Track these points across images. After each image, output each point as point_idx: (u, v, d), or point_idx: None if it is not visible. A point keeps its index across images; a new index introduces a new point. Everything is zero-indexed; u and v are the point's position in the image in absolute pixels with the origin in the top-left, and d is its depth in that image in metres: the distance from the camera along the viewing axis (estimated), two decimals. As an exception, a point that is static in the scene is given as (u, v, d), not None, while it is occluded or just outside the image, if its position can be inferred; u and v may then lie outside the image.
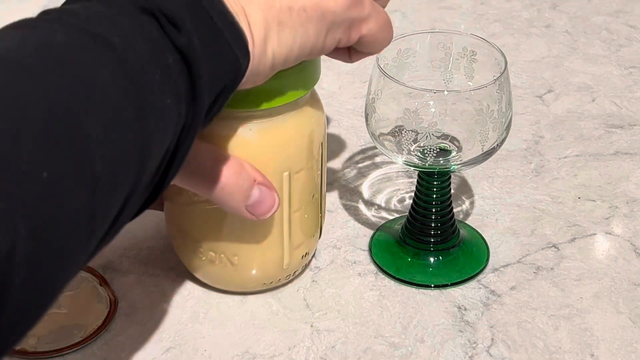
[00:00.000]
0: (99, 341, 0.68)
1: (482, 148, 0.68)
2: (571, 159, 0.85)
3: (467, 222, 0.78)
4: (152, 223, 0.77)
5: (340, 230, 0.78)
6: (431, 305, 0.71)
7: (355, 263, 0.75)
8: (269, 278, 0.70)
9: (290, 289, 0.72)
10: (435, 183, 0.72)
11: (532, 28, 1.04)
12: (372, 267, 0.74)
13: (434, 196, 0.72)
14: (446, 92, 0.68)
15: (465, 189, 0.82)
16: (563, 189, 0.82)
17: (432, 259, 0.74)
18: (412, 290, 0.72)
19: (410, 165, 0.70)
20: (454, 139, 0.70)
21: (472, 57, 0.71)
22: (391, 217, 0.79)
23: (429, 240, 0.74)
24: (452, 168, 0.70)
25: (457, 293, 0.72)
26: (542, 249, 0.76)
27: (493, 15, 1.06)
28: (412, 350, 0.67)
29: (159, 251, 0.75)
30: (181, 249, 0.71)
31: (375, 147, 0.84)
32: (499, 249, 0.76)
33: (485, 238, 0.76)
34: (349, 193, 0.81)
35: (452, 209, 0.74)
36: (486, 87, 0.67)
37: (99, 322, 0.69)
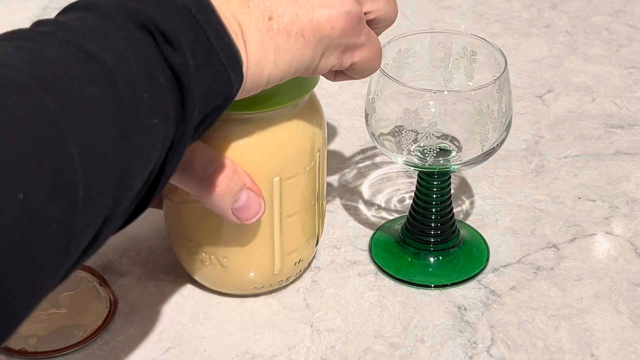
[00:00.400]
0: (99, 341, 0.68)
1: (482, 148, 0.68)
2: (571, 159, 0.85)
3: (467, 222, 0.78)
4: (152, 223, 0.77)
5: (340, 230, 0.78)
6: (431, 305, 0.71)
7: (355, 263, 0.75)
8: (259, 282, 0.70)
9: (290, 289, 0.72)
10: (435, 183, 0.72)
11: (532, 28, 1.04)
12: (372, 267, 0.74)
13: (434, 196, 0.72)
14: (446, 92, 0.68)
15: (465, 189, 0.82)
16: (563, 189, 0.82)
17: (432, 259, 0.74)
18: (412, 290, 0.72)
19: (410, 165, 0.70)
20: (454, 139, 0.70)
21: (472, 57, 0.71)
22: (391, 217, 0.79)
23: (429, 240, 0.74)
24: (452, 168, 0.70)
25: (457, 293, 0.72)
26: (542, 249, 0.76)
27: (493, 15, 1.06)
28: (412, 350, 0.67)
29: (159, 251, 0.75)
30: (176, 246, 0.71)
31: (375, 147, 0.84)
32: (499, 249, 0.76)
33: (485, 238, 0.76)
34: (349, 193, 0.81)
35: (452, 209, 0.74)
36: (486, 87, 0.67)
37: (99, 322, 0.69)
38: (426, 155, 0.68)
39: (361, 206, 0.80)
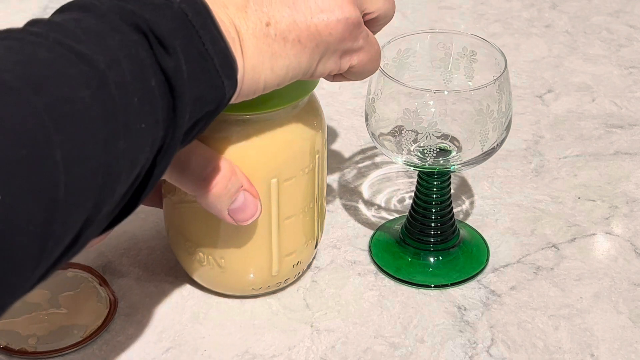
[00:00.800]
0: (99, 341, 0.68)
1: (482, 148, 0.68)
2: (571, 159, 0.85)
3: (467, 222, 0.78)
4: (152, 223, 0.77)
5: (340, 230, 0.78)
6: (431, 305, 0.71)
7: (355, 263, 0.75)
8: (257, 284, 0.70)
9: (290, 289, 0.72)
10: (435, 183, 0.72)
11: (532, 28, 1.04)
12: (372, 267, 0.74)
13: (434, 196, 0.72)
14: (446, 92, 0.68)
15: (465, 189, 0.82)
16: (563, 189, 0.82)
17: (432, 259, 0.74)
18: (412, 290, 0.72)
19: (410, 165, 0.70)
20: (454, 139, 0.70)
21: (472, 57, 0.71)
22: (391, 217, 0.79)
23: (429, 240, 0.74)
24: (452, 168, 0.70)
25: (457, 293, 0.72)
26: (542, 249, 0.76)
27: (493, 15, 1.06)
28: (412, 350, 0.67)
29: (159, 251, 0.75)
30: (175, 246, 0.71)
31: (375, 147, 0.84)
32: (499, 249, 0.76)
33: (485, 238, 0.76)
34: (349, 193, 0.81)
35: (452, 209, 0.74)
36: (486, 87, 0.67)
37: (99, 322, 0.69)
38: (426, 155, 0.68)
39: (361, 206, 0.80)
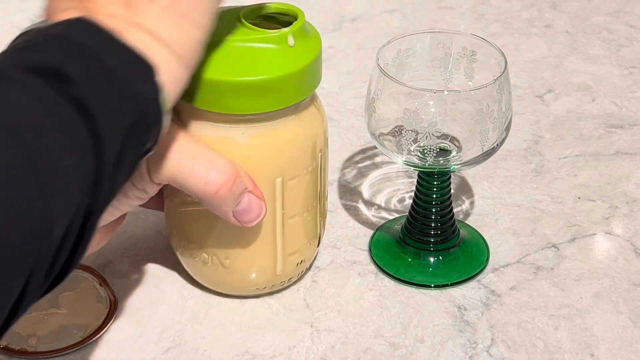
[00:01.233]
0: (99, 341, 0.68)
1: (482, 148, 0.68)
2: (571, 159, 0.85)
3: (467, 222, 0.78)
4: (152, 223, 0.77)
5: (340, 230, 0.78)
6: (431, 305, 0.71)
7: (355, 263, 0.75)
8: (262, 283, 0.70)
9: (291, 289, 0.72)
10: (435, 183, 0.72)
11: (532, 28, 1.04)
12: (372, 267, 0.74)
13: (434, 196, 0.72)
14: (446, 92, 0.68)
15: (465, 189, 0.82)
16: (563, 189, 0.82)
17: (432, 259, 0.74)
18: (412, 290, 0.72)
19: (410, 165, 0.70)
20: (454, 139, 0.70)
21: (472, 57, 0.71)
22: (391, 217, 0.79)
23: (429, 240, 0.74)
24: (452, 168, 0.70)
25: (457, 293, 0.72)
26: (542, 249, 0.76)
27: (493, 15, 1.06)
28: (412, 350, 0.67)
29: (159, 251, 0.75)
30: (177, 248, 0.71)
31: (375, 147, 0.84)
32: (499, 249, 0.76)
33: (485, 238, 0.76)
34: (349, 193, 0.81)
35: (452, 209, 0.74)
36: (486, 87, 0.67)
37: (99, 322, 0.69)
38: (426, 155, 0.68)
39: (361, 206, 0.80)
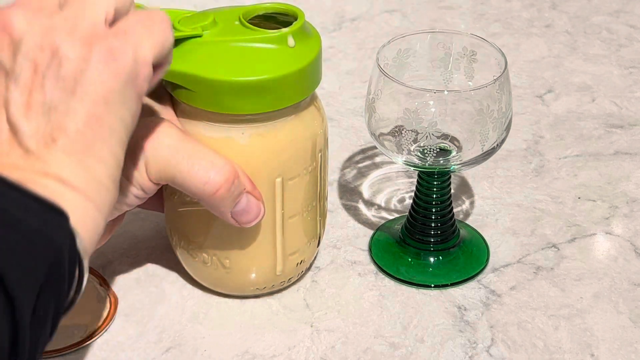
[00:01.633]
0: (99, 341, 0.68)
1: (482, 148, 0.68)
2: (571, 159, 0.85)
3: (467, 222, 0.78)
4: (152, 223, 0.77)
5: (340, 230, 0.78)
6: (431, 305, 0.71)
7: (355, 263, 0.75)
8: (262, 283, 0.70)
9: (291, 289, 0.72)
10: (435, 183, 0.72)
11: (532, 28, 1.04)
12: (372, 267, 0.74)
13: (434, 196, 0.72)
14: (446, 92, 0.68)
15: (465, 189, 0.82)
16: (563, 189, 0.82)
17: (432, 259, 0.74)
18: (412, 290, 0.72)
19: (410, 165, 0.70)
20: (454, 139, 0.70)
21: (472, 57, 0.71)
22: (391, 217, 0.79)
23: (429, 240, 0.74)
24: (452, 168, 0.70)
25: (457, 293, 0.72)
26: (542, 249, 0.76)
27: (493, 15, 1.06)
28: (412, 350, 0.67)
29: (159, 251, 0.75)
30: (177, 248, 0.71)
31: (375, 147, 0.84)
32: (499, 249, 0.76)
33: (485, 238, 0.76)
34: (349, 193, 0.81)
35: (452, 209, 0.74)
36: (486, 87, 0.67)
37: (99, 322, 0.69)
38: (426, 155, 0.68)
39: (361, 206, 0.80)
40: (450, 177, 0.72)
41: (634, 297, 0.71)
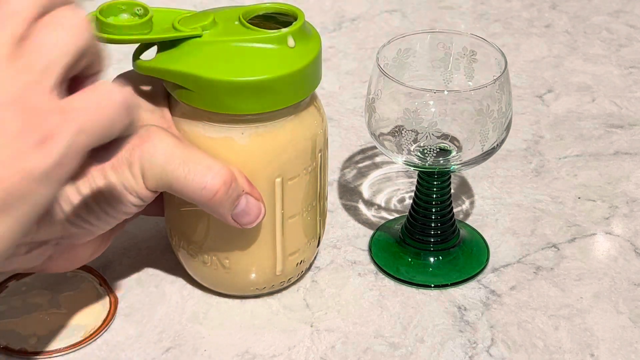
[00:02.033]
0: (99, 341, 0.68)
1: (482, 148, 0.68)
2: (571, 159, 0.85)
3: (467, 222, 0.78)
4: (152, 223, 0.77)
5: (340, 230, 0.78)
6: (431, 305, 0.71)
7: (355, 263, 0.75)
8: (261, 283, 0.70)
9: (291, 289, 0.72)
10: (435, 183, 0.72)
11: (532, 28, 1.04)
12: (372, 267, 0.74)
13: (434, 196, 0.72)
14: (446, 92, 0.68)
15: (465, 189, 0.82)
16: (563, 189, 0.82)
17: (432, 259, 0.74)
18: (412, 290, 0.72)
19: (410, 165, 0.70)
20: (454, 139, 0.70)
21: (472, 57, 0.71)
22: (391, 217, 0.79)
23: (429, 240, 0.74)
24: (452, 168, 0.70)
25: (457, 293, 0.72)
26: (542, 249, 0.76)
27: (493, 15, 1.06)
28: (412, 350, 0.67)
29: (159, 251, 0.75)
30: (177, 248, 0.71)
31: (375, 147, 0.84)
32: (499, 249, 0.76)
33: (485, 238, 0.76)
34: (349, 193, 0.81)
35: (452, 209, 0.74)
36: (486, 87, 0.67)
37: (99, 322, 0.69)
38: (426, 155, 0.68)
39: (361, 206, 0.80)
40: (450, 177, 0.72)
41: (634, 297, 0.71)
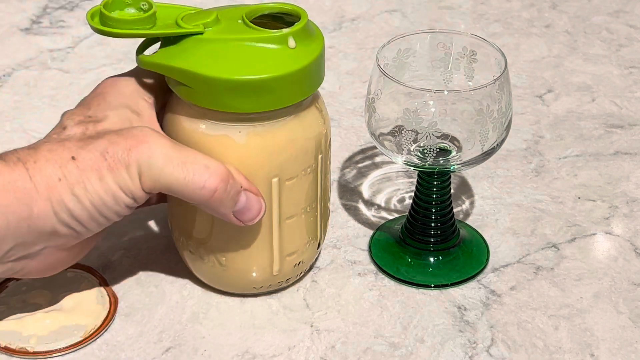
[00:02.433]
0: (99, 341, 0.68)
1: (482, 148, 0.68)
2: (571, 159, 0.85)
3: (467, 222, 0.78)
4: (152, 223, 0.77)
5: (340, 230, 0.78)
6: (431, 305, 0.71)
7: (355, 263, 0.75)
8: (259, 282, 0.70)
9: (291, 288, 0.72)
10: (435, 183, 0.72)
11: (532, 28, 1.04)
12: (372, 267, 0.74)
13: (434, 196, 0.72)
14: (446, 92, 0.68)
15: (465, 189, 0.82)
16: (563, 189, 0.82)
17: (432, 259, 0.74)
18: (412, 290, 0.72)
19: (410, 165, 0.70)
20: (454, 139, 0.70)
21: (472, 57, 0.71)
22: (391, 217, 0.79)
23: (429, 240, 0.74)
24: (452, 168, 0.70)
25: (457, 293, 0.72)
26: (542, 249, 0.76)
27: (493, 15, 1.06)
28: (412, 350, 0.67)
29: (159, 251, 0.75)
30: (178, 242, 0.71)
31: (375, 147, 0.84)
32: (499, 249, 0.76)
33: (485, 238, 0.76)
34: (349, 193, 0.81)
35: (452, 209, 0.74)
36: (486, 87, 0.67)
37: (99, 322, 0.69)
38: (426, 155, 0.68)
39: (361, 206, 0.80)
40: (450, 177, 0.72)
41: (634, 297, 0.71)
